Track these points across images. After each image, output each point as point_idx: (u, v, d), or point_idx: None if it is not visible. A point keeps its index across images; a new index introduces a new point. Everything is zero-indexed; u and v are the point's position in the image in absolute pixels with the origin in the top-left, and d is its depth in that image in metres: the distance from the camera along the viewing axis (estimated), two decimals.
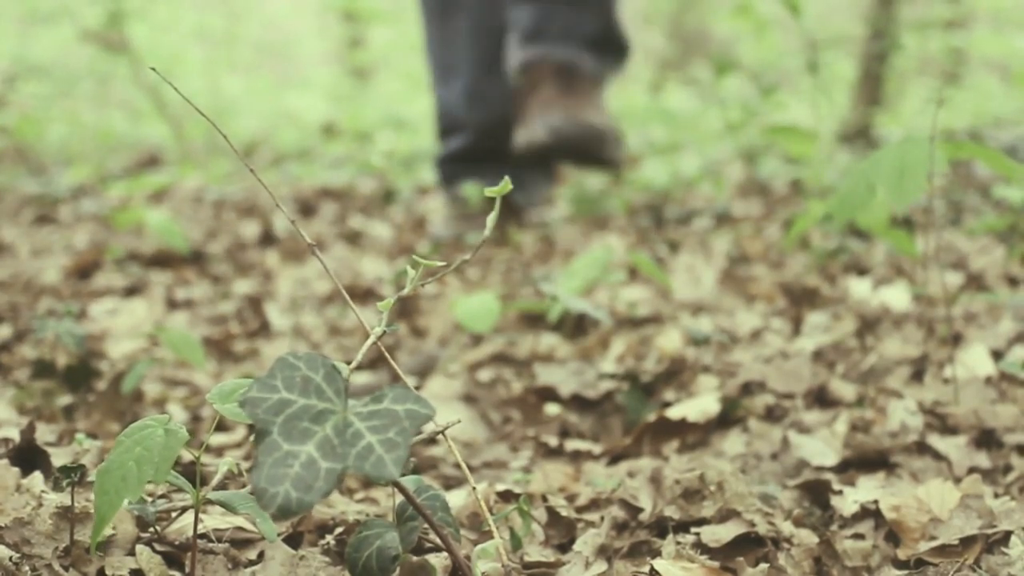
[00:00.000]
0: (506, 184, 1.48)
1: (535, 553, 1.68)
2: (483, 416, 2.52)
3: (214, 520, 1.62)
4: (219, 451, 2.21)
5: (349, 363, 1.50)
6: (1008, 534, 1.66)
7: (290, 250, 4.50)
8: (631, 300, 3.34)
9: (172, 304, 3.66)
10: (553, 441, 2.27)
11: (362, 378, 2.65)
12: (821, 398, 2.41)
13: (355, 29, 13.34)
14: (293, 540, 1.63)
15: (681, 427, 2.26)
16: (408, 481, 1.48)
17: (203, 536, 1.57)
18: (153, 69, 1.56)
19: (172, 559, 1.53)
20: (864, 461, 2.05)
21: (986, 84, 10.22)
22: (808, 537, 1.71)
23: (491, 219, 1.49)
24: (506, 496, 1.90)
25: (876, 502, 1.80)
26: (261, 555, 1.54)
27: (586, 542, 1.70)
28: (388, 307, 1.45)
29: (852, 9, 10.51)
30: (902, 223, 3.83)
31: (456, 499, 1.91)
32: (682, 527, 1.74)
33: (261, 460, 1.08)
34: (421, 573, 1.39)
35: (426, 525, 1.67)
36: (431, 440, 1.59)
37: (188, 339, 2.55)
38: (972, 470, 1.95)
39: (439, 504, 1.36)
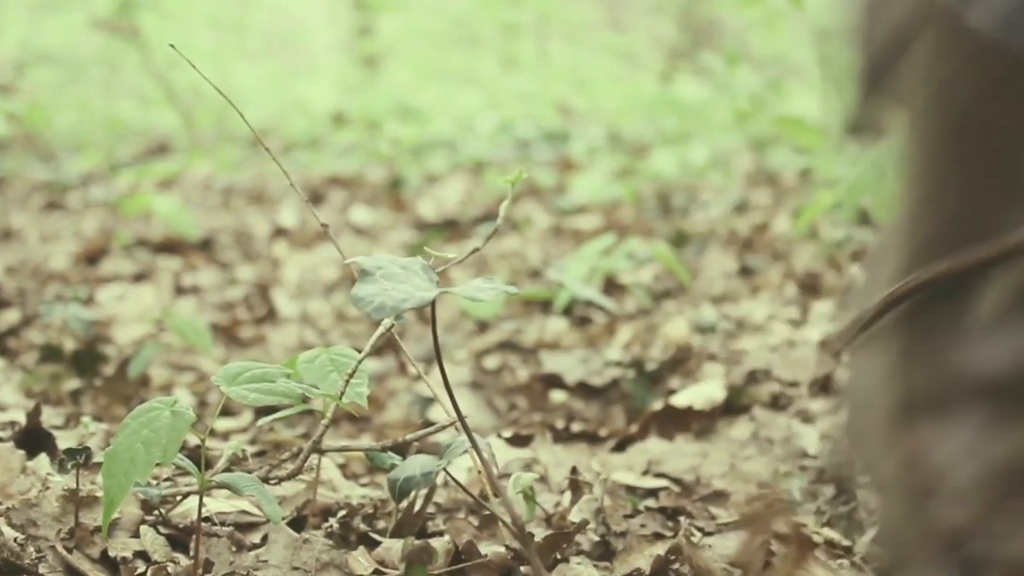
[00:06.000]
0: (520, 174, 1.48)
1: (540, 533, 1.69)
2: (489, 403, 2.52)
3: (218, 503, 1.63)
4: (225, 436, 2.21)
5: (358, 350, 1.50)
6: None
7: (298, 237, 4.51)
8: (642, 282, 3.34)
9: (180, 290, 3.67)
10: (559, 425, 2.28)
11: (370, 365, 2.65)
12: (827, 387, 2.41)
13: (364, 17, 13.33)
14: (297, 523, 1.64)
15: (687, 415, 2.26)
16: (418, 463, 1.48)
17: (207, 519, 1.57)
18: (172, 46, 1.57)
19: (176, 541, 1.53)
20: None
21: None
22: None
23: (504, 207, 1.49)
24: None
25: None
26: (265, 538, 1.54)
27: (580, 509, 1.72)
28: None
29: None
30: None
31: (461, 476, 1.91)
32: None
33: (361, 284, 1.24)
34: (423, 555, 1.39)
35: (434, 509, 1.67)
36: (440, 429, 1.60)
37: (195, 325, 2.56)
38: None
39: (483, 443, 1.41)
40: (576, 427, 2.28)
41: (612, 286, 3.41)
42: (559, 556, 1.57)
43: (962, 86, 0.96)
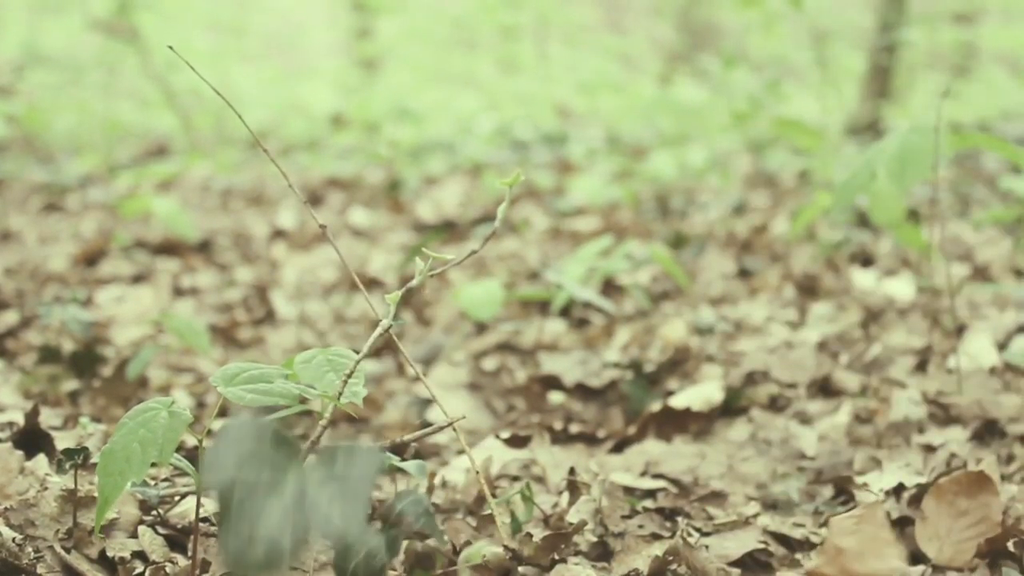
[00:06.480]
0: (518, 175, 1.48)
1: (538, 533, 1.69)
2: (487, 404, 2.52)
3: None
4: None
5: (356, 351, 1.50)
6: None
7: (296, 239, 4.51)
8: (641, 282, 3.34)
9: (178, 292, 3.67)
10: (558, 426, 2.28)
11: (368, 366, 2.65)
12: (825, 388, 2.41)
13: (363, 20, 13.34)
14: None
15: (685, 416, 2.26)
16: (410, 466, 1.48)
17: (205, 519, 1.58)
18: (171, 48, 1.57)
19: (174, 542, 1.53)
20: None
21: (995, 77, 10.20)
22: None
23: (502, 209, 1.49)
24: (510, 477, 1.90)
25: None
26: None
27: (579, 510, 1.72)
28: (396, 300, 1.45)
29: (862, 1, 10.50)
30: (909, 215, 3.82)
31: (459, 476, 1.91)
32: None
33: (225, 538, 1.04)
34: (425, 560, 1.39)
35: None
36: (437, 431, 1.60)
37: (193, 326, 2.56)
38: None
39: (421, 510, 1.32)
40: (574, 428, 2.28)
41: (610, 287, 3.41)
42: (557, 556, 1.58)
43: None
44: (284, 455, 1.08)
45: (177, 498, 1.58)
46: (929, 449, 2.01)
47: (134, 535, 1.51)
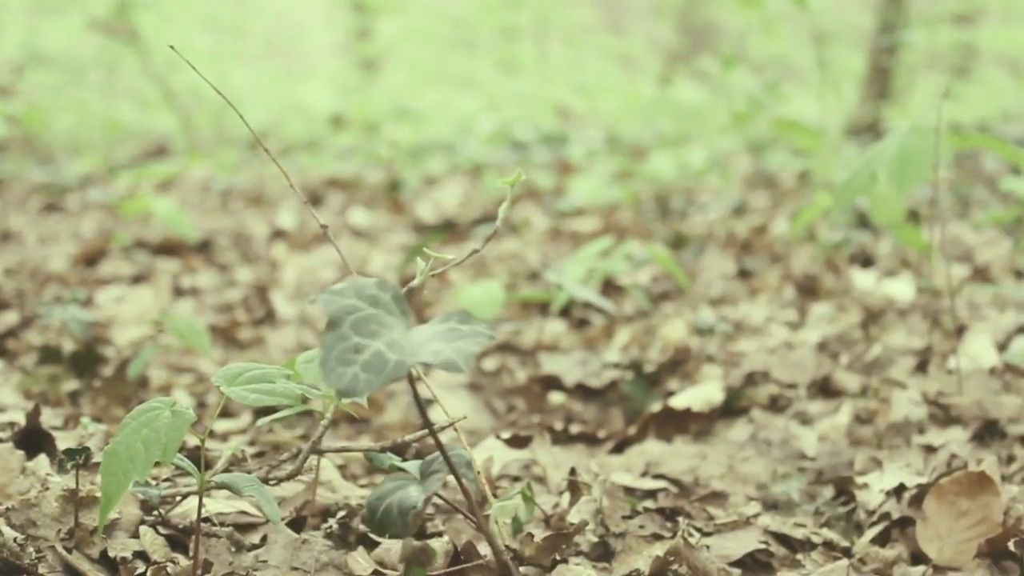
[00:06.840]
0: (518, 175, 1.48)
1: (539, 533, 1.69)
2: (488, 404, 2.52)
3: (218, 504, 1.63)
4: (224, 437, 2.21)
5: None
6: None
7: (296, 239, 4.51)
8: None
9: (178, 292, 3.67)
10: (558, 426, 2.28)
11: None
12: (825, 388, 2.41)
13: (363, 20, 13.34)
14: (296, 524, 1.64)
15: (685, 417, 2.26)
16: (411, 466, 1.49)
17: (207, 520, 1.58)
18: (172, 47, 1.57)
19: (176, 542, 1.53)
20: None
21: (995, 78, 10.20)
22: None
23: (503, 209, 1.50)
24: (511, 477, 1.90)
25: None
26: (264, 539, 1.55)
27: (579, 510, 1.72)
28: None
29: (862, 2, 10.50)
30: (908, 215, 3.82)
31: None
32: None
33: (331, 344, 1.12)
34: (422, 557, 1.39)
35: (433, 510, 1.67)
36: (438, 431, 1.60)
37: (194, 326, 2.56)
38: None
39: (463, 461, 1.39)
40: (575, 428, 2.28)
41: (610, 288, 3.42)
42: (558, 557, 1.58)
43: None
44: (400, 309, 1.20)
45: (179, 498, 1.58)
46: (929, 449, 2.01)
47: (135, 535, 1.51)
